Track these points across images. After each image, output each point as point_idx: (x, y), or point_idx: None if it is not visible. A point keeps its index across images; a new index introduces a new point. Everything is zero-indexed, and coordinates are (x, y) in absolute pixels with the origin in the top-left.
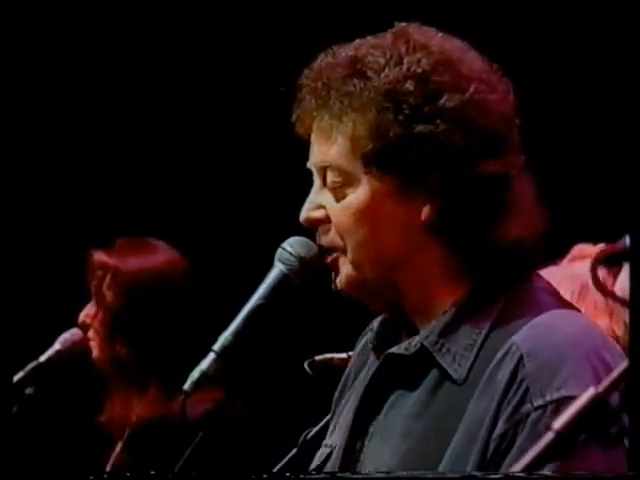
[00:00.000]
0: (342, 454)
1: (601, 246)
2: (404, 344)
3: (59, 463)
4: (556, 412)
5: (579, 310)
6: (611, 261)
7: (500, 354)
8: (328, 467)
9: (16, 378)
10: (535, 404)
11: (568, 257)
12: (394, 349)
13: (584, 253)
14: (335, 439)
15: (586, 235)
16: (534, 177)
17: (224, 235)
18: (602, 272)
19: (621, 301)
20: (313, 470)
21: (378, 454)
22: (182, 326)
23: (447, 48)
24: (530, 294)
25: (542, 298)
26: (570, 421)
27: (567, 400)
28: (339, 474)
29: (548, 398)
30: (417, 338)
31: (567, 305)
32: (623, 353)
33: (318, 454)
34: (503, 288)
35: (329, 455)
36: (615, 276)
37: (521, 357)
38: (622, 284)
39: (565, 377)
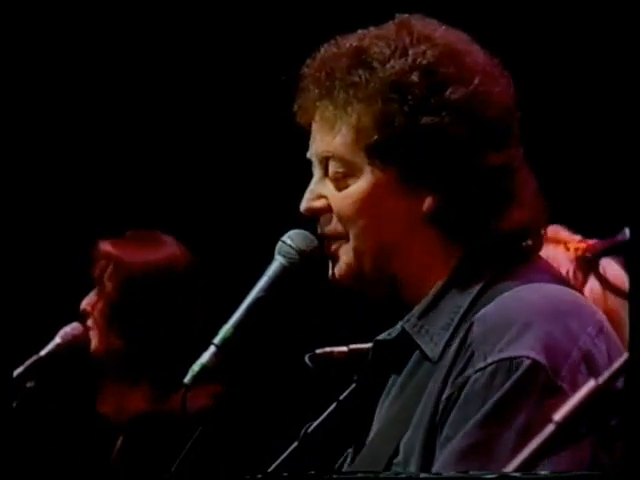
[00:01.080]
0: (353, 449)
1: (578, 237)
2: (390, 330)
3: (60, 458)
4: (494, 373)
5: (577, 289)
6: (610, 253)
7: (466, 326)
8: (345, 465)
9: (17, 372)
10: (477, 367)
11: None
12: (380, 336)
13: (558, 237)
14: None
15: (583, 229)
16: (533, 170)
17: (226, 229)
18: (571, 266)
19: (621, 293)
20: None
21: (370, 440)
22: (181, 320)
23: (451, 40)
24: (521, 274)
25: (533, 277)
26: (570, 413)
27: (506, 361)
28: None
29: (489, 360)
30: (400, 323)
31: (559, 281)
32: (604, 328)
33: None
34: (490, 269)
35: (346, 458)
36: (585, 273)
37: (472, 323)
38: (592, 284)
39: (508, 340)
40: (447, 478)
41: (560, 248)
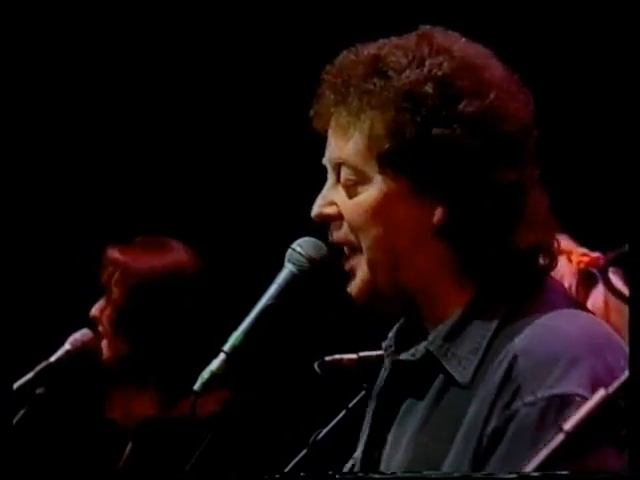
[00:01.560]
0: (361, 465)
1: (582, 249)
2: (412, 350)
3: (69, 463)
4: (546, 410)
5: (589, 311)
6: (618, 264)
7: (501, 356)
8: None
9: (26, 378)
10: (525, 400)
11: None
12: (402, 356)
13: (562, 247)
14: (359, 451)
15: (588, 240)
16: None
17: (235, 235)
18: (574, 280)
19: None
20: None
21: (389, 464)
22: (189, 326)
23: (469, 53)
24: (539, 296)
25: (552, 299)
26: (580, 422)
27: (557, 398)
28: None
29: (539, 395)
30: (423, 343)
31: (577, 305)
32: (625, 355)
33: (347, 467)
34: (510, 291)
35: (352, 468)
36: (586, 287)
37: (515, 356)
38: (594, 299)
39: (557, 376)
40: (458, 478)
41: (563, 259)
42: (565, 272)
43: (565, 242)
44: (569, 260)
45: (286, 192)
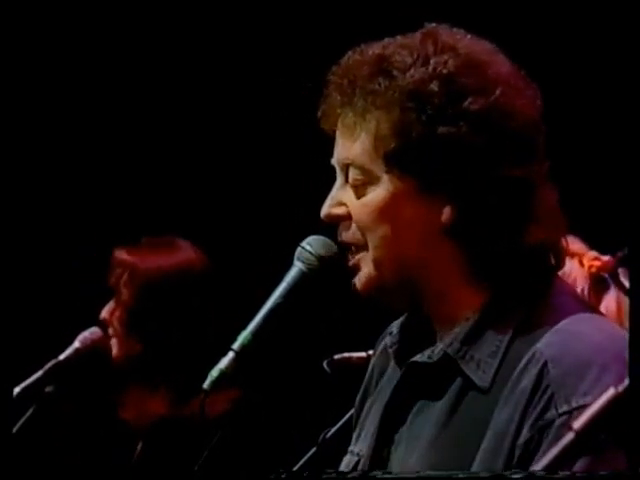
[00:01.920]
0: (369, 463)
1: (593, 253)
2: (427, 352)
3: (79, 463)
4: None
5: (601, 313)
6: (625, 264)
7: (524, 361)
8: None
9: (35, 376)
10: (560, 410)
11: None
12: (417, 357)
13: (573, 249)
14: (361, 447)
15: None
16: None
17: (244, 234)
18: (586, 285)
19: None
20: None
21: (405, 462)
22: (198, 324)
23: (475, 50)
24: (552, 298)
25: (564, 301)
26: (590, 421)
27: None
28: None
29: (574, 404)
30: (440, 346)
31: (588, 308)
32: None
33: (345, 461)
34: (525, 293)
35: (357, 464)
36: (599, 292)
37: (545, 364)
38: (607, 303)
39: (590, 384)
40: (460, 478)
41: (575, 262)
42: (577, 276)
43: (576, 245)
44: (581, 264)
45: (294, 191)
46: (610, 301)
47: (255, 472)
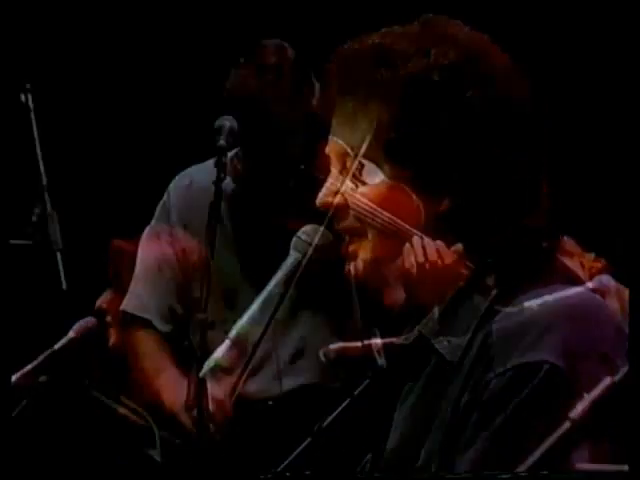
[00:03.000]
0: (372, 455)
1: (591, 255)
2: (405, 335)
3: (73, 453)
4: (514, 379)
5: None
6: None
7: (480, 335)
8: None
9: (30, 366)
10: (497, 371)
11: None
12: (395, 340)
13: (572, 250)
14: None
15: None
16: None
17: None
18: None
19: None
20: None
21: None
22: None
23: (474, 41)
24: (538, 276)
25: (550, 279)
26: (586, 410)
27: (526, 367)
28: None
29: (508, 365)
30: (417, 327)
31: (579, 284)
32: (622, 331)
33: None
34: (509, 273)
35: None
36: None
37: (490, 332)
38: (609, 305)
39: (528, 343)
40: (459, 478)
41: (575, 262)
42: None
43: (572, 246)
44: (582, 266)
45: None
46: (612, 302)
47: (249, 465)
